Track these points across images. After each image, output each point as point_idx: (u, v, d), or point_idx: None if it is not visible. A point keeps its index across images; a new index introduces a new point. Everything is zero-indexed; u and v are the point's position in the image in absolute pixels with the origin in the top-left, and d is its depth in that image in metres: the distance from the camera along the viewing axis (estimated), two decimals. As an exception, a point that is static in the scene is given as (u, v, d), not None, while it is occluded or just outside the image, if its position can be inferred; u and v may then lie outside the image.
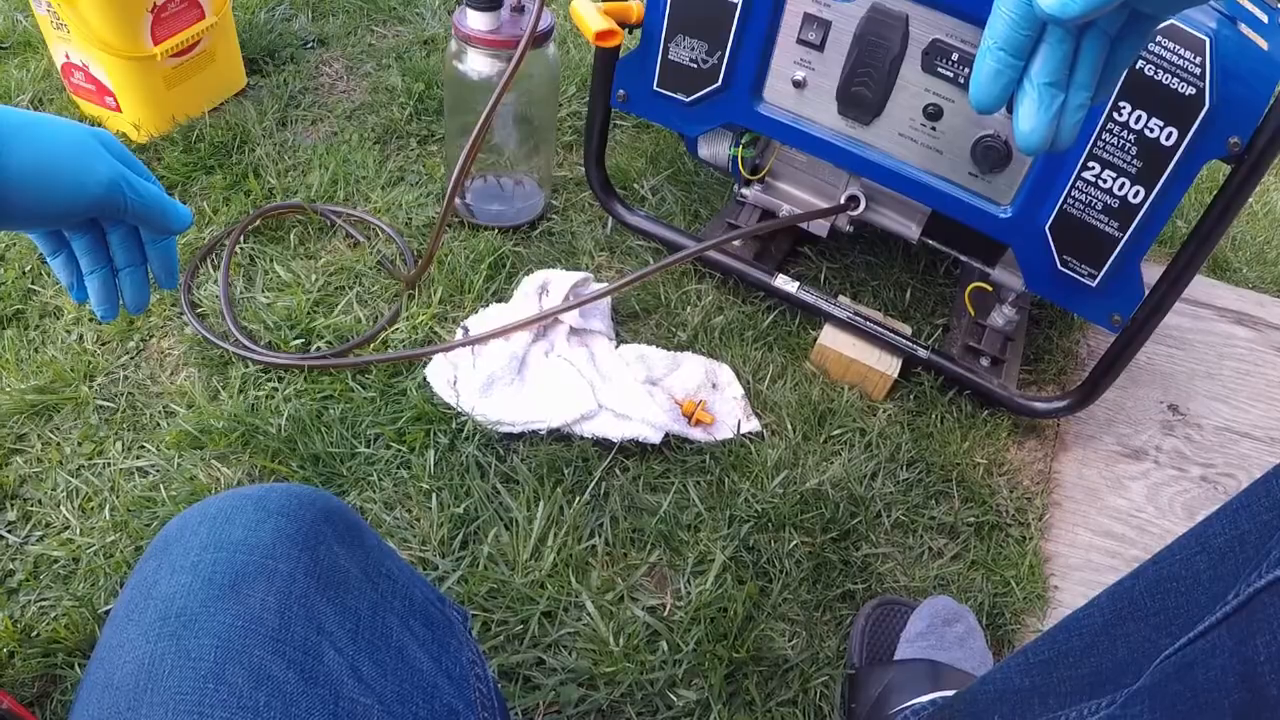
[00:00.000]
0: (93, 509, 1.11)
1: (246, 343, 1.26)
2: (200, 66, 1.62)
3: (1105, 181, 1.10)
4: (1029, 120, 0.58)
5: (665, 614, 1.09)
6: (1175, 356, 1.54)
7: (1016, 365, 1.40)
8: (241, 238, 1.41)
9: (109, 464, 1.16)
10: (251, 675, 0.47)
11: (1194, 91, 1.01)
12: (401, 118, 1.70)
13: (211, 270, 1.37)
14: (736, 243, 1.41)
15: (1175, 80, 1.01)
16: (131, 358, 1.28)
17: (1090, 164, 1.10)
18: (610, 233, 1.52)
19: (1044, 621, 1.19)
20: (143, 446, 1.18)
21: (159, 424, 1.20)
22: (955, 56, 1.11)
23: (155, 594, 0.50)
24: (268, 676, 0.47)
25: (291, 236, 1.44)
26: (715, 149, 1.38)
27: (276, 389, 1.23)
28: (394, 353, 1.27)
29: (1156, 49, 1.00)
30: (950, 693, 0.97)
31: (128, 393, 1.23)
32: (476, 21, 1.32)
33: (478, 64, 1.35)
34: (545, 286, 1.31)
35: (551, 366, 1.26)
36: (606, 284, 1.32)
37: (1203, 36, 0.98)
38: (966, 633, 1.08)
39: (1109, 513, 1.31)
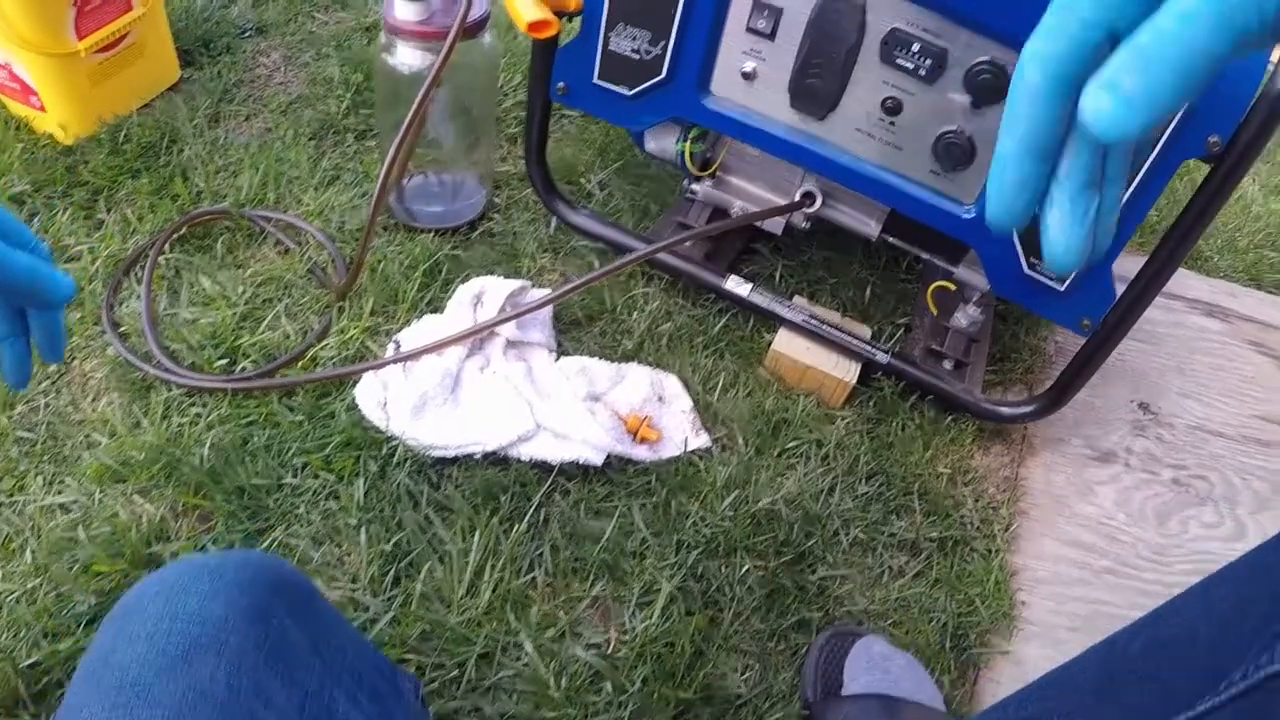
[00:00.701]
0: (13, 551, 1.04)
1: (169, 364, 1.18)
2: (129, 61, 1.51)
3: (1073, 183, 1.01)
4: (1065, 235, 0.42)
5: (610, 651, 1.02)
6: (1146, 351, 1.47)
7: (981, 368, 1.33)
8: (167, 248, 1.32)
9: (30, 500, 1.08)
10: None
11: None
12: (338, 111, 1.60)
13: (135, 284, 1.28)
14: (687, 243, 1.33)
15: None
16: (53, 383, 1.19)
17: (1059, 163, 1.01)
18: (554, 232, 1.44)
19: (1010, 641, 1.13)
20: (64, 480, 1.10)
21: (80, 455, 1.12)
22: (916, 47, 1.03)
23: (113, 661, 0.51)
24: None
25: (219, 245, 1.35)
26: (663, 143, 1.29)
27: (200, 415, 1.15)
28: (321, 372, 1.18)
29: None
30: None
31: (48, 421, 1.15)
32: (404, 11, 1.22)
33: (408, 57, 1.26)
34: (480, 296, 1.23)
35: (487, 384, 1.18)
36: (545, 292, 1.24)
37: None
38: (909, 664, 1.03)
39: (1077, 521, 1.26)
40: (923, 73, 1.04)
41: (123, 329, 1.24)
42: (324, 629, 0.62)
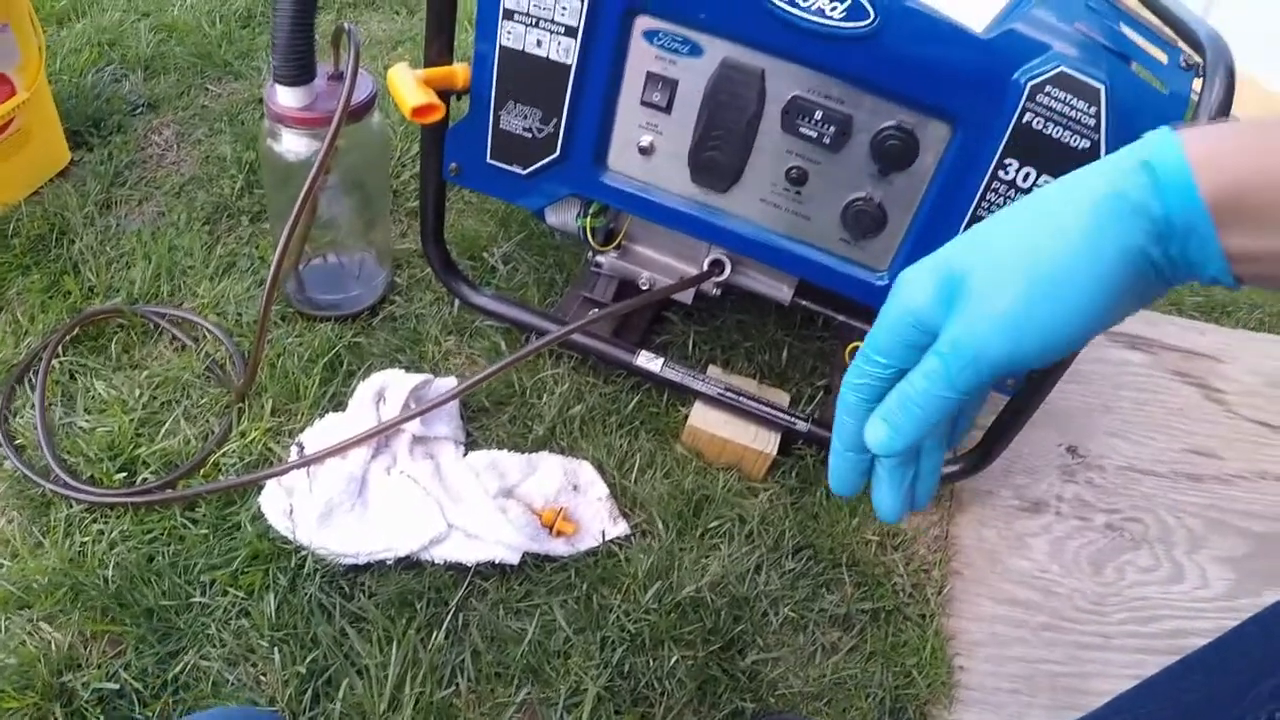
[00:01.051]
0: None
1: (67, 479, 1.13)
2: (15, 149, 1.45)
3: (986, 247, 0.99)
4: (886, 500, 0.57)
5: (537, 763, 0.98)
6: (1070, 391, 1.46)
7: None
8: (60, 350, 1.27)
9: None
10: None
11: (1088, 145, 0.91)
12: (232, 192, 1.55)
13: (29, 392, 1.22)
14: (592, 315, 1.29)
15: (1067, 133, 0.91)
16: None
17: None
18: (457, 313, 1.39)
19: (951, 710, 1.11)
20: None
21: None
22: (819, 114, 1.00)
23: None
24: None
25: (113, 345, 1.29)
26: (563, 218, 1.25)
27: (103, 531, 1.10)
28: (224, 480, 1.13)
29: (1046, 99, 0.91)
30: None
31: None
32: (287, 98, 1.17)
33: (293, 144, 1.21)
34: (382, 393, 1.19)
35: (394, 486, 1.14)
36: (450, 382, 1.20)
37: (1097, 85, 0.89)
38: None
39: (1012, 577, 1.24)
40: (827, 140, 1.01)
41: (19, 441, 1.18)
42: None
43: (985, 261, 0.50)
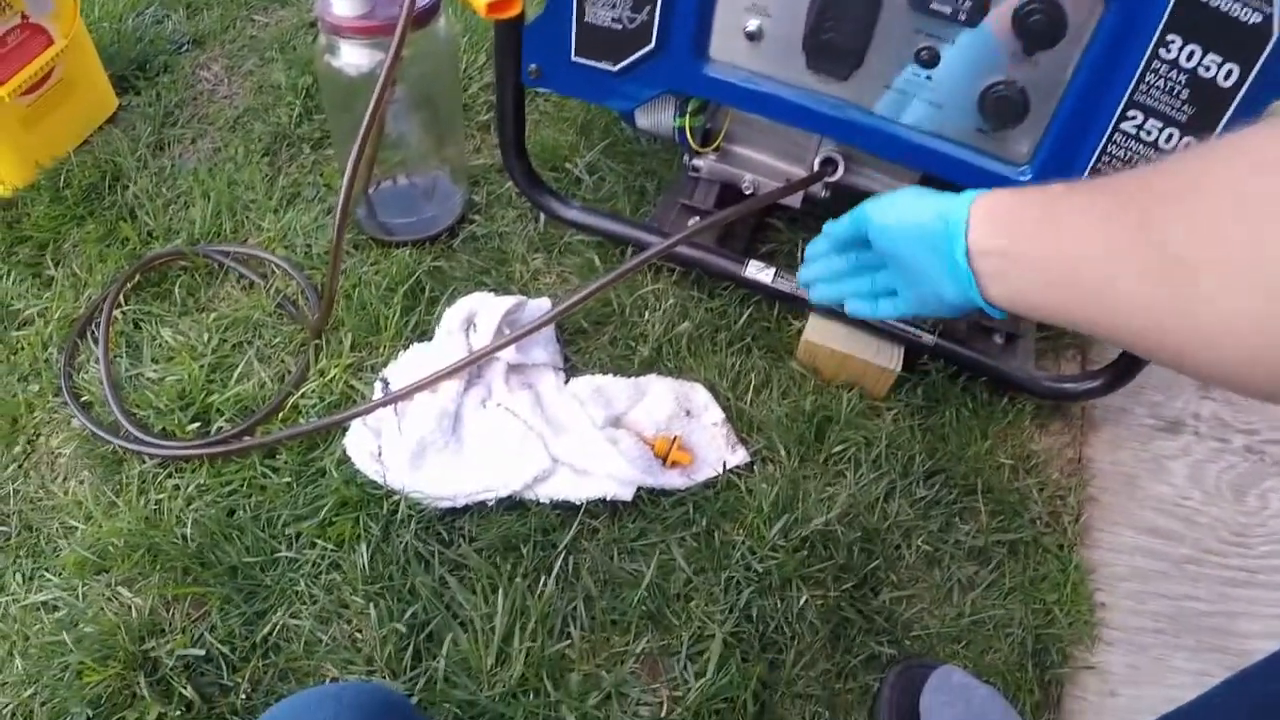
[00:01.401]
0: (2, 660, 0.93)
1: (137, 434, 1.05)
2: (59, 99, 1.36)
3: (1149, 133, 0.87)
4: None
5: (663, 716, 0.90)
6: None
7: (1032, 338, 1.19)
8: (122, 299, 1.18)
9: (13, 601, 0.97)
10: None
11: (1260, 19, 0.78)
12: (290, 120, 1.44)
13: (92, 346, 1.14)
14: (693, 224, 1.18)
15: (1237, 6, 0.77)
16: (19, 466, 1.07)
17: (1131, 112, 0.87)
18: (544, 229, 1.28)
19: (1093, 651, 1.02)
20: (45, 575, 0.99)
21: (58, 546, 1.00)
22: (954, -14, 0.87)
23: None
24: None
25: (177, 289, 1.20)
26: (657, 119, 1.13)
27: (179, 486, 1.03)
28: (305, 424, 1.05)
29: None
30: None
31: (19, 510, 1.04)
32: (343, 7, 1.05)
33: (354, 57, 1.10)
34: (471, 320, 1.09)
35: (491, 420, 1.05)
36: (543, 303, 1.10)
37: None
38: (991, 696, 0.91)
39: (1151, 503, 1.14)
40: (962, 16, 0.88)
41: (85, 398, 1.11)
42: None
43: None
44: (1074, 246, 0.60)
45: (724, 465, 1.04)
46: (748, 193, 1.16)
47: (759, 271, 1.15)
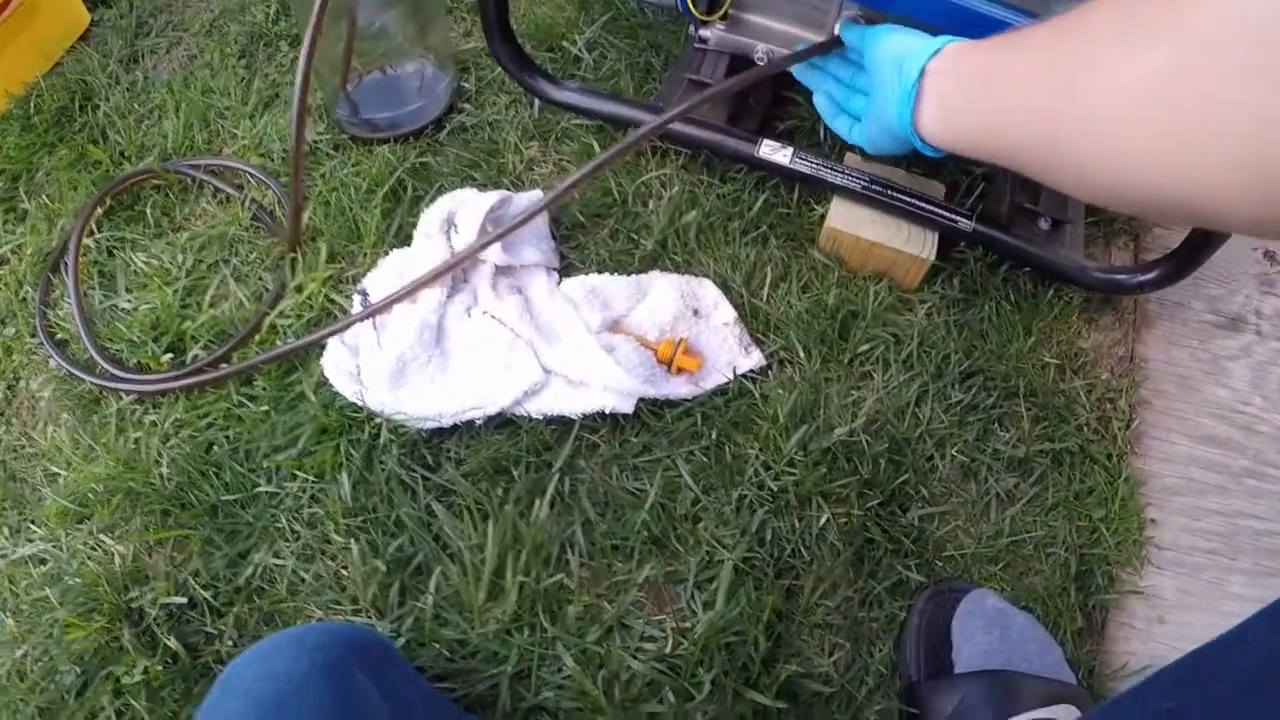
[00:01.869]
0: None
1: (112, 370, 0.98)
2: (25, 22, 1.25)
3: None
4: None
5: (669, 650, 0.82)
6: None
7: (1082, 223, 1.05)
8: (94, 227, 1.10)
9: (2, 556, 0.93)
10: None
11: None
12: (266, 18, 1.32)
13: (66, 280, 1.07)
14: (704, 106, 1.05)
15: None
16: (1, 413, 1.02)
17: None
18: (539, 114, 1.16)
19: (1141, 575, 0.90)
20: (30, 527, 0.94)
21: (42, 494, 0.95)
22: None
23: (215, 714, 0.59)
24: None
25: (150, 211, 1.11)
26: (653, -16, 1.00)
27: (156, 423, 0.96)
28: (277, 348, 0.96)
29: None
30: (1033, 715, 0.77)
31: (2, 460, 0.99)
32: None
33: (314, -69, 0.97)
34: (452, 219, 0.98)
35: (477, 329, 0.95)
36: (534, 196, 0.99)
37: None
38: (1030, 624, 0.84)
39: (1209, 409, 1.02)
40: None
41: (59, 336, 1.04)
42: (392, 681, 0.67)
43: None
44: (1013, 73, 0.66)
45: (734, 370, 0.94)
46: (760, 64, 1.02)
47: (774, 152, 1.02)
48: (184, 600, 0.86)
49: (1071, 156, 0.61)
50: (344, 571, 0.87)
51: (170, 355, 0.99)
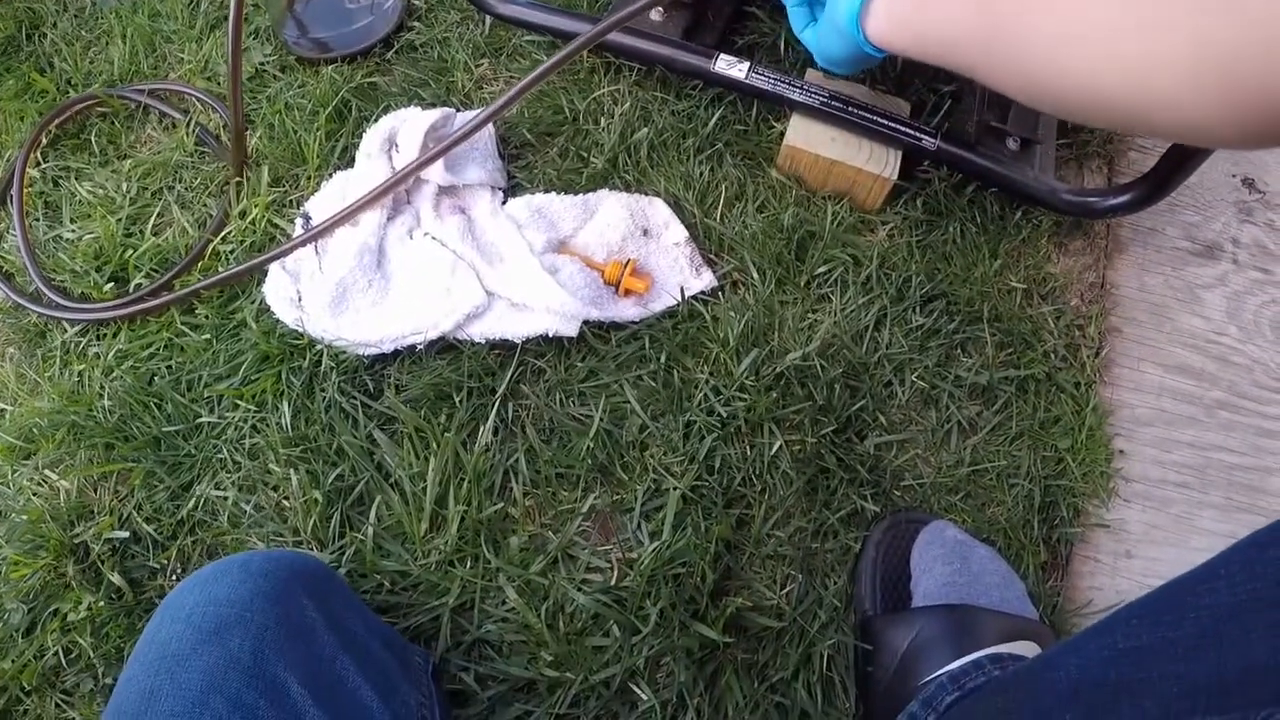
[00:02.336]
0: None
1: (55, 298, 0.95)
2: None
3: None
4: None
5: (614, 582, 0.79)
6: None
7: (1053, 143, 1.00)
8: (39, 158, 1.06)
9: None
10: (230, 702, 0.55)
11: None
12: (216, -63, 1.26)
13: (11, 211, 1.03)
14: (656, 16, 1.00)
15: None
16: None
17: None
18: (490, 31, 1.10)
19: (1109, 506, 0.87)
20: None
21: None
22: None
23: (157, 639, 0.58)
24: (243, 703, 0.55)
25: (95, 139, 1.07)
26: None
27: (99, 355, 0.93)
28: (218, 274, 0.92)
29: None
30: (992, 651, 0.74)
31: None
32: None
33: None
34: (393, 139, 0.94)
35: (418, 252, 0.91)
36: (473, 113, 0.94)
37: None
38: (991, 557, 0.81)
39: (1182, 339, 0.98)
40: None
41: (6, 269, 1.01)
42: (337, 609, 0.66)
43: None
44: None
45: (683, 291, 0.90)
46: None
47: (731, 66, 0.96)
48: (127, 535, 0.84)
49: (1013, 56, 0.59)
50: (285, 502, 0.84)
51: (113, 285, 0.95)
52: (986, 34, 0.61)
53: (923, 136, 0.93)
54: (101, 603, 0.80)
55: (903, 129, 0.93)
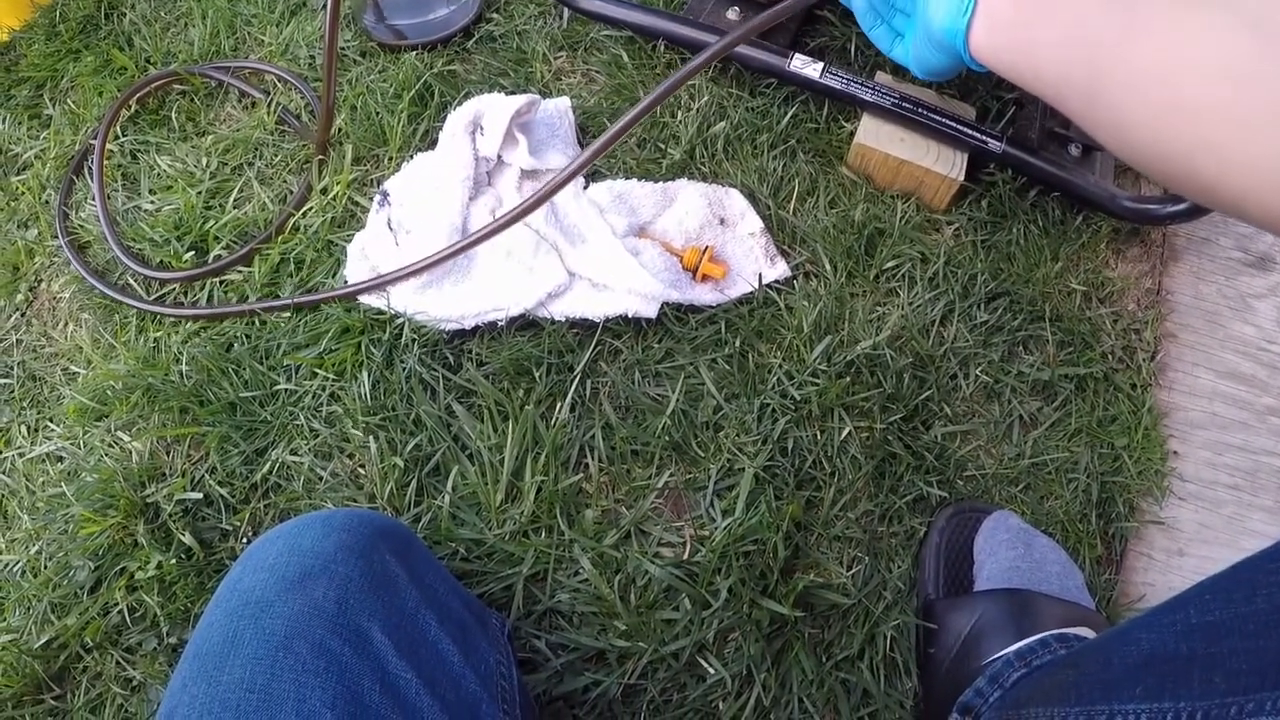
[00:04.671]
0: (12, 516, 0.88)
1: (136, 268, 0.95)
2: None
3: None
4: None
5: (686, 556, 0.79)
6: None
7: (1114, 151, 1.00)
8: (119, 131, 1.06)
9: (19, 454, 0.91)
10: (313, 648, 0.54)
11: None
12: (294, -76, 1.27)
13: (90, 183, 1.04)
14: (733, 15, 1.01)
15: None
16: (22, 314, 1.00)
17: None
18: (568, 25, 1.11)
19: (1163, 505, 0.87)
20: (49, 425, 0.92)
21: (61, 394, 0.93)
22: None
23: (239, 588, 0.58)
24: (326, 649, 0.54)
25: (175, 115, 1.08)
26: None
27: (176, 323, 0.93)
28: (317, 294, 0.92)
29: None
30: (1055, 633, 0.73)
31: (22, 360, 0.97)
32: None
33: None
34: (478, 122, 0.94)
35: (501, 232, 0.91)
36: (561, 107, 0.95)
37: None
38: (1052, 547, 0.81)
39: (1234, 345, 0.98)
40: None
41: (83, 238, 1.01)
42: (418, 566, 0.65)
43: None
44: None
45: (760, 279, 0.90)
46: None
47: (805, 66, 0.97)
48: (199, 496, 0.83)
49: (1112, 113, 0.56)
50: (361, 470, 0.84)
51: (193, 254, 0.95)
52: (1085, 94, 0.59)
53: (988, 140, 0.93)
54: (172, 561, 0.80)
55: (969, 132, 0.94)
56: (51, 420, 0.92)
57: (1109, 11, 0.55)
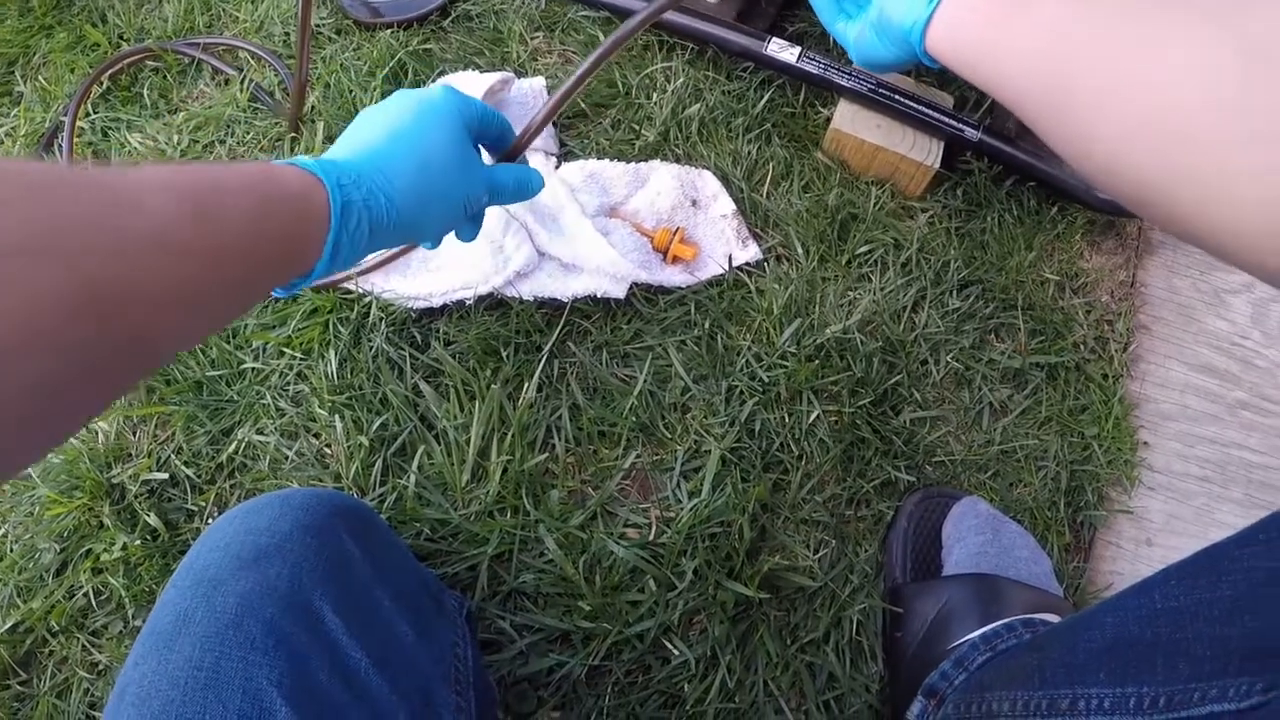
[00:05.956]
0: None
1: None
2: None
3: None
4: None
5: (651, 538, 0.78)
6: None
7: (1092, 143, 0.99)
8: (90, 107, 1.05)
9: None
10: (264, 626, 0.54)
11: None
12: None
13: (59, 158, 1.02)
14: (713, 0, 1.00)
15: None
16: None
17: None
18: (545, 4, 1.10)
19: (1132, 496, 0.86)
20: None
21: None
22: None
23: (194, 566, 0.58)
24: (277, 628, 0.54)
25: (147, 92, 1.06)
26: None
27: (143, 304, 0.91)
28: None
29: None
30: (1020, 618, 0.73)
31: None
32: None
33: None
34: (450, 100, 0.92)
35: (471, 212, 0.90)
36: (536, 87, 0.94)
37: None
38: (1021, 534, 0.80)
39: (1207, 339, 0.98)
40: None
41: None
42: (376, 547, 0.65)
43: None
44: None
45: (730, 261, 0.89)
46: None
47: (782, 50, 0.96)
48: (165, 477, 0.82)
49: (1078, 127, 0.52)
50: (327, 449, 0.83)
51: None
52: (1053, 108, 0.54)
53: (965, 128, 0.93)
54: (136, 542, 0.78)
55: (946, 120, 0.93)
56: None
57: (1085, 20, 0.52)
